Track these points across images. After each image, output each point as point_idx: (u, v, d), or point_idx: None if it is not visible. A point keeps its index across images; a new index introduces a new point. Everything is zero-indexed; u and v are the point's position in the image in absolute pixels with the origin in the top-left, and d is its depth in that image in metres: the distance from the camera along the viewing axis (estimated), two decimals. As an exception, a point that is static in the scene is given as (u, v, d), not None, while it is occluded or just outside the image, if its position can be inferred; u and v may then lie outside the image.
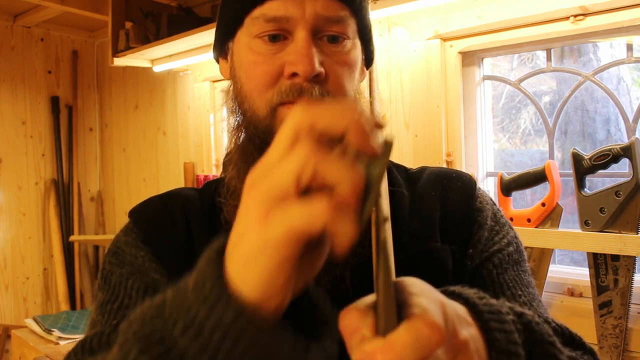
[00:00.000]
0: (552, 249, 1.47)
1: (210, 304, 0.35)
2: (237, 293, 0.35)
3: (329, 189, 0.33)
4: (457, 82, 1.71)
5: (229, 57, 0.71)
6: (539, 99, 1.67)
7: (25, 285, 2.98)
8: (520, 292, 0.67)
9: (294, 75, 0.61)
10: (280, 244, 0.33)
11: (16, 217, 2.96)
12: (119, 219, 3.17)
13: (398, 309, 0.34)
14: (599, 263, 1.36)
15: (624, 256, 1.32)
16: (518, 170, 1.55)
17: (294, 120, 0.35)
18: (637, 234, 1.30)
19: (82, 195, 3.22)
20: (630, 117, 1.46)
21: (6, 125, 2.94)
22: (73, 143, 3.17)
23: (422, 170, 0.77)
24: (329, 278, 0.62)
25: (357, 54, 0.67)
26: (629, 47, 1.45)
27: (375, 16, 1.70)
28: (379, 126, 0.35)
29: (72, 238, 2.99)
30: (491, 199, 0.76)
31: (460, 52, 1.70)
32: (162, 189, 0.77)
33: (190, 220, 0.70)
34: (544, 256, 1.48)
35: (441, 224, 0.70)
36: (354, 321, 0.34)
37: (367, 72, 0.74)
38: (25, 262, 2.98)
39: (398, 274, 0.39)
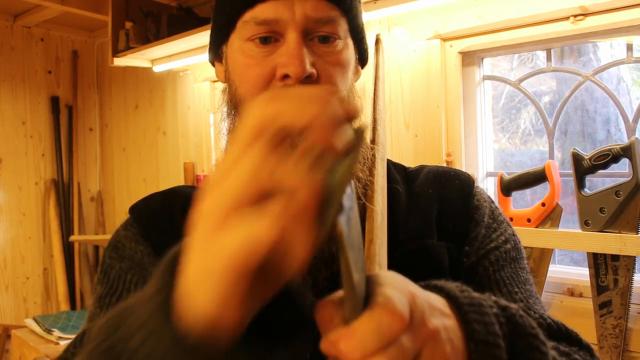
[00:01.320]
0: (552, 249, 1.47)
1: (146, 332, 0.34)
2: (185, 313, 0.32)
3: (287, 195, 0.30)
4: (457, 82, 1.71)
5: (223, 61, 0.71)
6: (539, 99, 1.67)
7: (25, 285, 2.98)
8: (516, 289, 0.67)
9: (285, 77, 0.61)
10: (233, 257, 0.30)
11: (16, 217, 2.96)
12: (119, 219, 3.16)
13: (367, 300, 0.34)
14: (599, 263, 1.36)
15: (624, 256, 1.32)
16: (518, 170, 1.55)
17: (254, 114, 0.32)
18: (637, 234, 1.30)
19: (82, 195, 3.22)
20: (630, 117, 1.46)
21: (6, 125, 2.94)
22: (73, 143, 3.17)
23: (420, 168, 0.78)
24: (325, 274, 0.63)
25: (349, 53, 0.67)
26: (629, 47, 1.45)
27: (375, 16, 1.70)
28: (350, 118, 0.32)
29: (72, 238, 2.99)
30: (489, 197, 0.76)
31: (460, 52, 1.70)
32: (162, 189, 0.77)
33: (189, 219, 0.70)
34: (544, 256, 1.48)
35: (438, 222, 0.70)
36: (328, 312, 0.35)
37: (361, 72, 0.74)
38: (25, 262, 2.98)
39: (394, 270, 0.39)
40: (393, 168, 0.77)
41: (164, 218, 0.70)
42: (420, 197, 0.72)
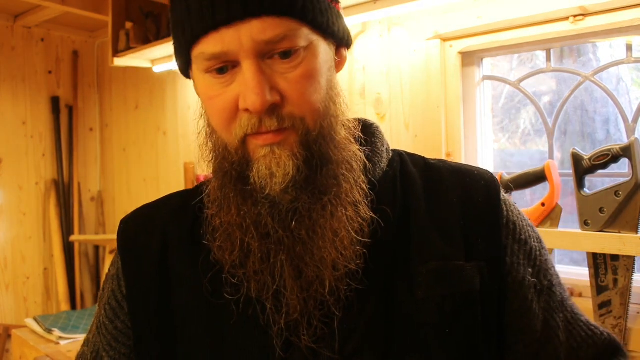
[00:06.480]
0: (552, 249, 1.47)
1: None
2: None
3: None
4: (457, 82, 1.71)
5: (193, 82, 0.69)
6: (538, 99, 1.67)
7: (25, 285, 2.98)
8: (561, 315, 0.70)
9: (248, 110, 0.59)
10: None
11: (17, 217, 2.97)
12: (119, 219, 3.14)
13: None
14: (598, 263, 1.36)
15: (623, 256, 1.32)
16: (518, 170, 1.55)
17: None
18: (637, 233, 1.30)
19: (83, 195, 3.22)
20: (630, 117, 1.46)
21: (7, 125, 2.94)
22: (73, 143, 3.17)
23: (441, 165, 0.74)
24: (320, 314, 0.61)
25: (319, 58, 0.61)
26: (629, 48, 1.45)
27: (375, 16, 1.70)
28: None
29: (72, 238, 2.99)
30: (514, 205, 0.73)
31: (460, 52, 1.70)
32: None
33: (168, 242, 0.72)
34: (543, 256, 1.48)
35: (466, 238, 0.66)
36: None
37: (345, 57, 0.69)
38: (25, 262, 2.98)
39: (419, 291, 0.37)
40: (410, 163, 0.74)
41: (142, 240, 0.73)
42: (444, 205, 0.68)
